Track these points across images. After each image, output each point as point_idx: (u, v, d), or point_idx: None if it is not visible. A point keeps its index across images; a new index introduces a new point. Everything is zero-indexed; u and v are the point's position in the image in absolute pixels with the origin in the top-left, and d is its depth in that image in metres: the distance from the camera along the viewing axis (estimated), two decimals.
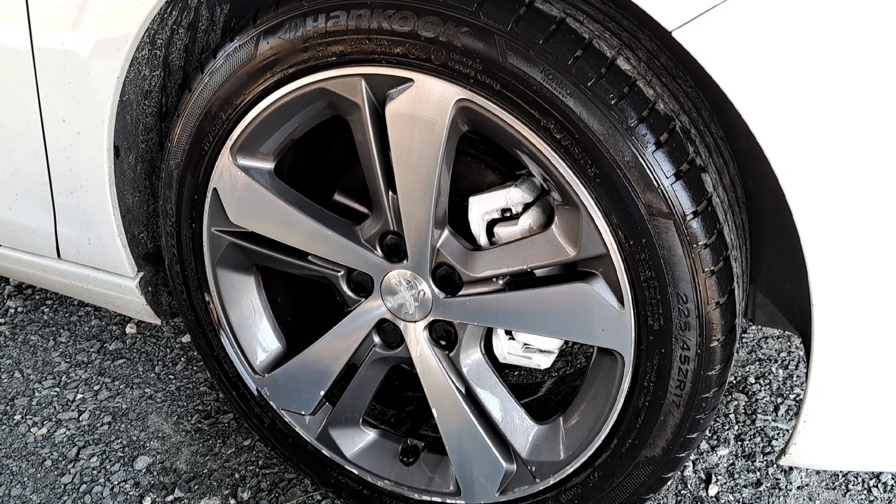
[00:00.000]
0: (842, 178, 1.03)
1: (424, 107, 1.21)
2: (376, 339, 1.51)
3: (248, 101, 1.34)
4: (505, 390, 1.44)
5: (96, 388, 2.08)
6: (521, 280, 1.35)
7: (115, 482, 1.82)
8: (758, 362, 2.09)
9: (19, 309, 2.36)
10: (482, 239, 1.35)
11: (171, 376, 2.12)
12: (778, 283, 1.43)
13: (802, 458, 1.28)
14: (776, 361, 2.09)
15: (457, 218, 1.37)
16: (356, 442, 1.62)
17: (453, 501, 1.54)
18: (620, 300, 1.23)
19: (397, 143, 1.26)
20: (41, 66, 1.45)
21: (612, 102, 1.12)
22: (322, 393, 1.56)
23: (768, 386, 2.02)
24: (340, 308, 1.55)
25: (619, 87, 1.12)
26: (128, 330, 2.27)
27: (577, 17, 1.15)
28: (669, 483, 1.76)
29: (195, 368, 2.14)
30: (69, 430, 1.95)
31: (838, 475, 1.78)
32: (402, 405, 1.74)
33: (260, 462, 1.86)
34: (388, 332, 1.50)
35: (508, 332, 1.43)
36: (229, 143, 1.39)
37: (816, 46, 0.98)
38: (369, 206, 1.43)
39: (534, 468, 1.44)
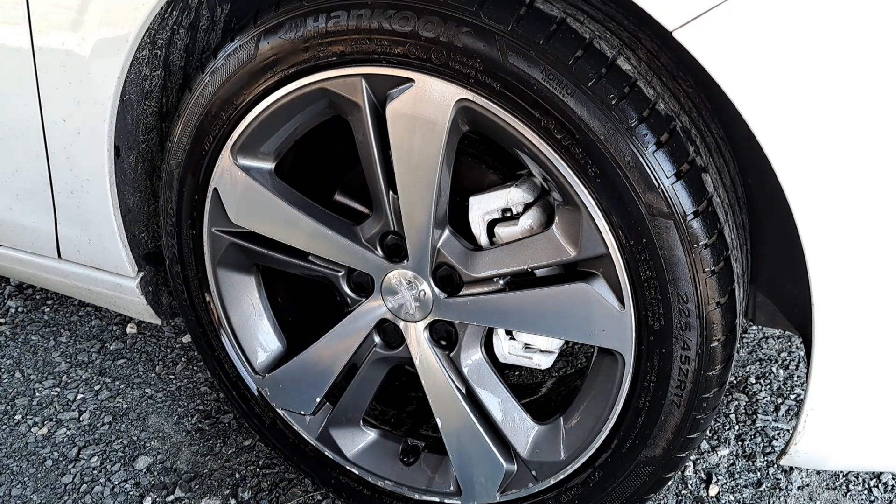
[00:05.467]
0: (842, 177, 1.03)
1: (425, 107, 1.21)
2: (377, 339, 1.51)
3: (248, 101, 1.34)
4: (505, 390, 1.44)
5: (97, 387, 2.08)
6: (521, 280, 1.35)
7: (116, 482, 1.82)
8: (758, 362, 2.09)
9: (20, 309, 2.36)
10: (483, 239, 1.35)
11: (172, 376, 2.12)
12: (778, 282, 1.43)
13: (803, 458, 1.28)
14: (777, 361, 2.09)
15: (457, 218, 1.37)
16: (357, 442, 1.62)
17: (454, 501, 1.54)
18: (621, 300, 1.23)
19: (398, 143, 1.26)
20: (42, 66, 1.45)
21: (613, 102, 1.12)
22: (322, 393, 1.56)
23: (769, 386, 2.02)
24: (341, 308, 1.55)
25: (619, 87, 1.12)
26: (128, 330, 2.27)
27: (578, 17, 1.15)
28: (670, 483, 1.76)
29: (196, 368, 2.14)
30: (70, 429, 1.95)
31: (839, 475, 1.78)
32: (403, 405, 1.74)
33: (260, 462, 1.86)
34: (389, 332, 1.50)
35: (509, 333, 1.42)
36: (230, 143, 1.39)
37: (816, 46, 0.99)
38: (370, 206, 1.43)
39: (534, 468, 1.44)
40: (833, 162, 1.02)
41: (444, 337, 1.45)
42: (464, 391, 1.46)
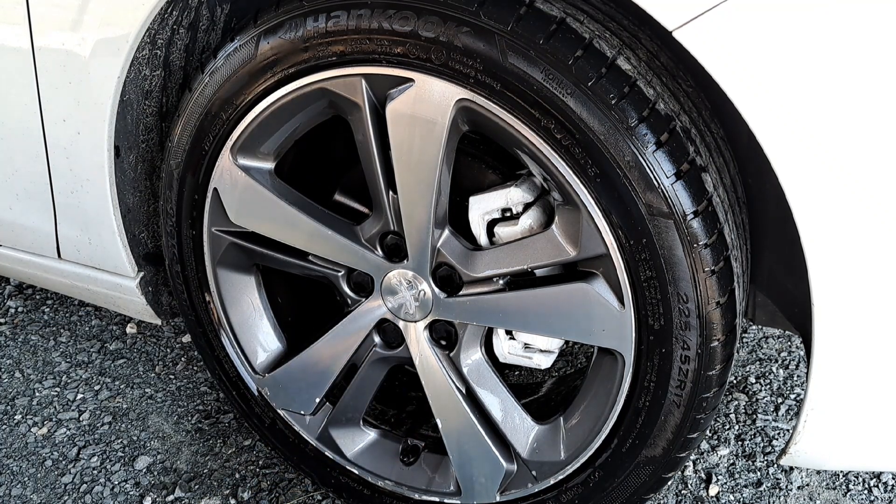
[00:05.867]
0: (842, 177, 1.03)
1: (425, 107, 1.22)
2: (377, 339, 1.51)
3: (248, 101, 1.34)
4: (505, 390, 1.44)
5: (97, 387, 2.08)
6: (521, 280, 1.35)
7: (116, 482, 1.82)
8: (758, 362, 2.09)
9: (20, 309, 2.36)
10: (482, 239, 1.35)
11: (172, 376, 2.12)
12: (778, 282, 1.43)
13: (803, 457, 1.28)
14: (776, 361, 2.09)
15: (457, 218, 1.37)
16: (357, 442, 1.62)
17: (453, 501, 1.54)
18: (621, 300, 1.23)
19: (398, 143, 1.26)
20: (42, 66, 1.45)
21: (613, 102, 1.12)
22: (322, 393, 1.56)
23: (769, 386, 2.02)
24: (341, 308, 1.55)
25: (619, 87, 1.12)
26: (128, 330, 2.27)
27: (578, 16, 1.15)
28: (670, 483, 1.76)
29: (195, 368, 2.14)
30: (69, 429, 1.95)
31: (839, 475, 1.78)
32: (403, 405, 1.74)
33: (260, 462, 1.86)
34: (389, 332, 1.50)
35: (509, 332, 1.42)
36: (230, 142, 1.39)
37: (816, 46, 0.99)
38: (370, 205, 1.43)
39: (534, 468, 1.44)
40: (833, 162, 1.02)
41: (444, 337, 1.45)
42: (464, 391, 1.46)
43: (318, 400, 1.58)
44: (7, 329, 2.28)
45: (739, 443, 1.86)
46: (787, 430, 1.89)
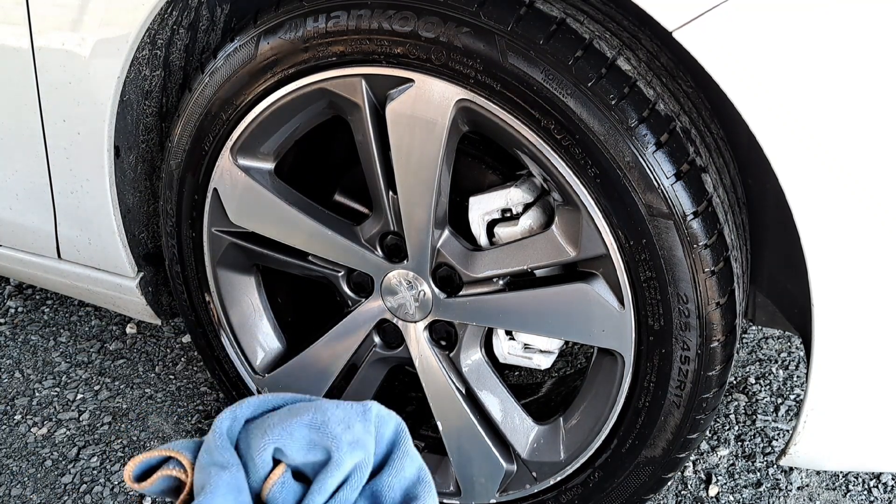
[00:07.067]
0: (842, 177, 1.03)
1: (425, 107, 1.22)
2: (376, 339, 1.51)
3: (248, 102, 1.34)
4: (505, 390, 1.44)
5: (96, 388, 2.08)
6: (521, 280, 1.35)
7: (116, 482, 1.82)
8: (758, 363, 2.09)
9: (19, 309, 2.36)
10: (482, 239, 1.35)
11: (172, 376, 2.12)
12: (778, 283, 1.43)
13: (803, 458, 1.28)
14: (776, 362, 2.09)
15: (457, 218, 1.37)
16: None
17: (453, 502, 1.54)
18: (621, 300, 1.23)
19: (397, 144, 1.26)
20: (41, 66, 1.45)
21: (613, 103, 1.12)
22: (322, 393, 1.56)
23: (768, 386, 2.02)
24: (341, 308, 1.55)
25: (619, 88, 1.12)
26: (128, 330, 2.27)
27: (578, 17, 1.15)
28: (669, 483, 1.76)
29: (195, 368, 2.14)
30: (69, 430, 1.95)
31: (838, 475, 1.78)
32: (403, 405, 1.74)
33: None
34: (389, 332, 1.50)
35: (509, 333, 1.43)
36: (230, 143, 1.39)
37: (816, 46, 0.99)
38: (369, 206, 1.43)
39: (534, 469, 1.44)
40: (833, 162, 1.02)
41: (444, 337, 1.45)
42: (463, 391, 1.46)
43: None
44: (7, 329, 2.28)
45: (739, 443, 1.86)
46: (787, 431, 1.89)
